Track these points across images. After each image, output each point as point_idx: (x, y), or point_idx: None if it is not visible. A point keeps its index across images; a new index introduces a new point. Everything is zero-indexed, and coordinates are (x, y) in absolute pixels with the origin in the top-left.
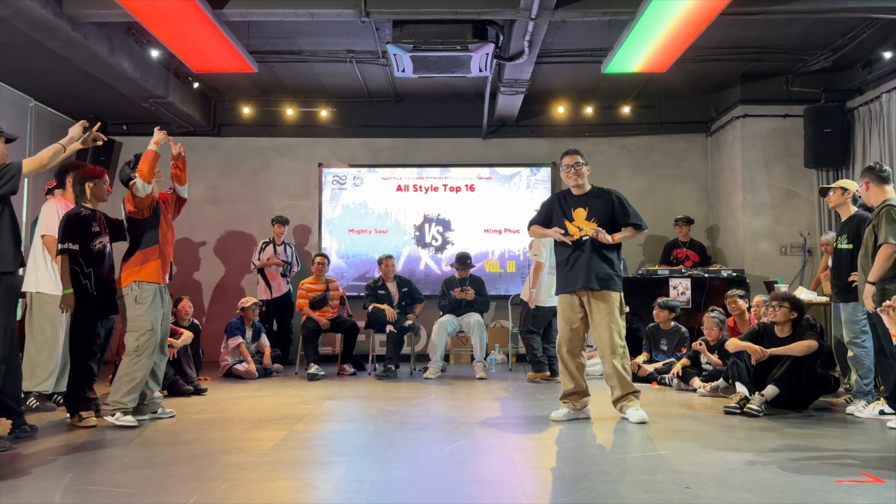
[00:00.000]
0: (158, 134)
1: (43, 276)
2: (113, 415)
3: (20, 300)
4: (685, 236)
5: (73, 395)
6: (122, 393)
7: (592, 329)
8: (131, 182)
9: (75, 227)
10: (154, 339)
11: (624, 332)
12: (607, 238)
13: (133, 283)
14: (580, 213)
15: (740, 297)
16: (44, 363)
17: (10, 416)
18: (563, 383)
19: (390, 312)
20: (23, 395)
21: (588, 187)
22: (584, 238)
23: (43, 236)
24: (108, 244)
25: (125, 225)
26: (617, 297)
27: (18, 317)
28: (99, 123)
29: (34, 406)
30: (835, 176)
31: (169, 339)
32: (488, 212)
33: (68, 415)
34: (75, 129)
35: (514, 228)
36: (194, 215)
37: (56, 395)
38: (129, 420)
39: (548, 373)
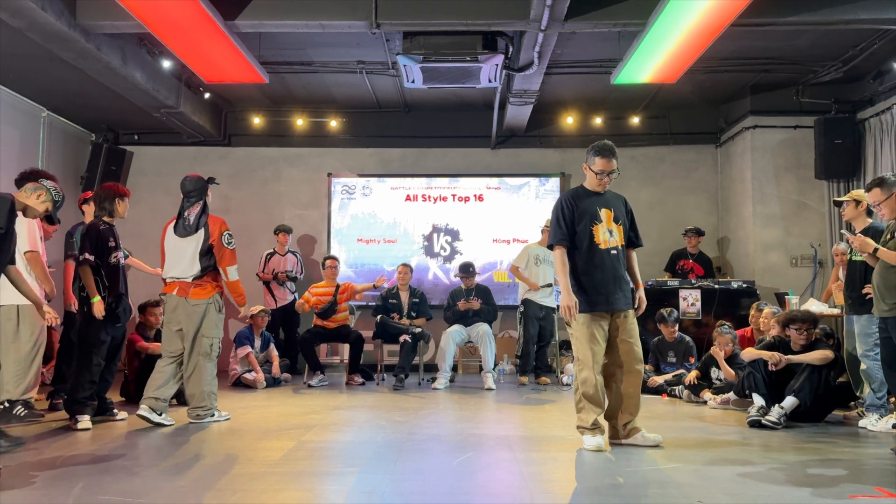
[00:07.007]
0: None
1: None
2: (205, 417)
3: None
4: (694, 248)
5: (73, 400)
6: (206, 395)
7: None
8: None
9: (95, 240)
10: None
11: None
12: None
13: (216, 293)
14: (607, 215)
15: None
16: (24, 371)
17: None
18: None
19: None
20: (7, 405)
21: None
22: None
23: (26, 252)
24: (122, 258)
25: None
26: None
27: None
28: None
29: (23, 414)
30: (846, 187)
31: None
32: (497, 222)
33: (69, 418)
34: None
35: (523, 238)
36: None
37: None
38: (223, 416)
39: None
